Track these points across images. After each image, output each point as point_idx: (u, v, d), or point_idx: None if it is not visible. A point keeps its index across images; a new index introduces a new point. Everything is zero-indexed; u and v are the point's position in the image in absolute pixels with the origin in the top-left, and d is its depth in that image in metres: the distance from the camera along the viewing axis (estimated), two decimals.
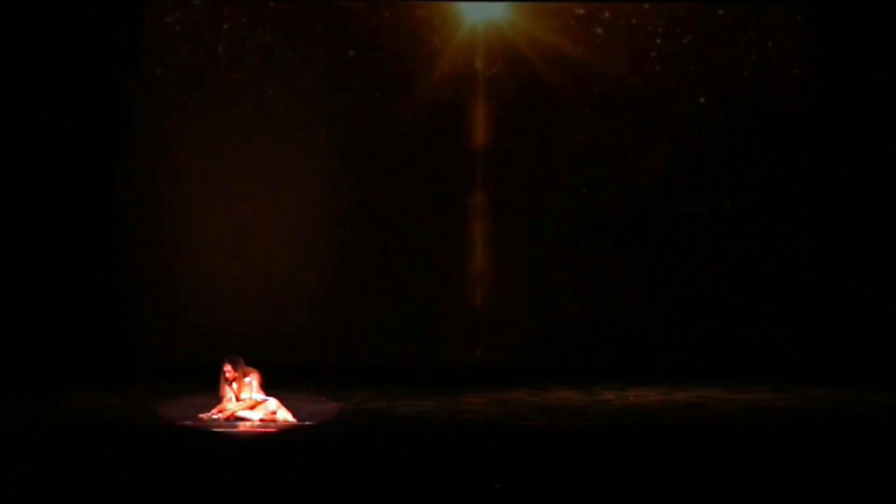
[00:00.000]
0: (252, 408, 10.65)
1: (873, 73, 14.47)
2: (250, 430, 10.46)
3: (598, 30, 14.91)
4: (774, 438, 10.12)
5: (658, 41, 14.92)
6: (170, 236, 14.73)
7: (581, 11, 14.90)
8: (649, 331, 14.89)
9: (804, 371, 14.23)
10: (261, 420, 10.69)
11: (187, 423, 10.71)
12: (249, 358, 10.92)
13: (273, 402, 10.76)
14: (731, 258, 14.91)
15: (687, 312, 14.89)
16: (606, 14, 14.90)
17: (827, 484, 9.55)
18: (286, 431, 10.43)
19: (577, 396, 12.47)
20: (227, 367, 10.75)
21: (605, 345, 14.88)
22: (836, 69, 14.66)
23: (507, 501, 9.48)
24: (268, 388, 10.86)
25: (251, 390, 10.73)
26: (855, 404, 11.89)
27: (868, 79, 14.48)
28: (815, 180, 14.85)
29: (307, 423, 10.71)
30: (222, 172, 14.77)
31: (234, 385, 10.73)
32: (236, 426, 10.57)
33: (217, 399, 10.78)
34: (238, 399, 10.71)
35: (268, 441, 10.13)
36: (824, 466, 9.64)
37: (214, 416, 10.74)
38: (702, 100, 14.86)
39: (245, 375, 10.75)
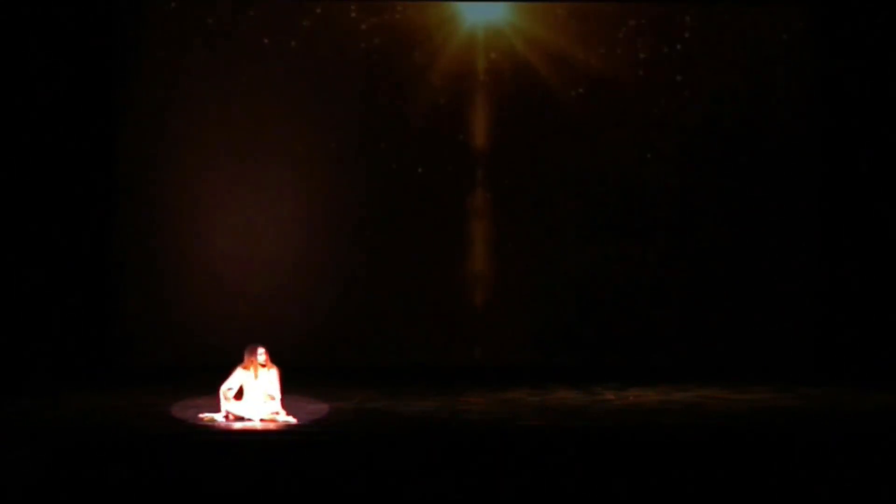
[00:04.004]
0: (272, 399, 10.78)
1: (875, 71, 14.46)
2: (250, 430, 10.47)
3: (598, 30, 14.90)
4: (774, 438, 10.12)
5: (659, 41, 14.91)
6: (168, 235, 14.71)
7: (581, 12, 14.89)
8: (649, 331, 14.89)
9: (804, 371, 14.23)
10: (261, 420, 10.71)
11: (189, 422, 10.73)
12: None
13: (278, 405, 10.84)
14: (731, 258, 14.90)
15: (687, 312, 14.88)
16: (607, 14, 14.89)
17: (827, 484, 9.55)
18: (286, 431, 10.43)
19: (577, 396, 12.47)
20: (263, 350, 10.88)
21: (605, 345, 14.88)
22: (838, 67, 14.66)
23: (506, 501, 9.49)
24: None
25: (273, 384, 10.82)
26: (855, 404, 11.89)
27: (869, 76, 14.47)
28: (816, 180, 14.84)
29: (307, 423, 10.71)
30: (220, 173, 14.75)
31: (259, 371, 10.80)
32: (236, 426, 10.58)
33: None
34: (255, 386, 10.79)
35: (268, 441, 10.13)
36: (824, 466, 9.64)
37: (215, 416, 10.76)
38: (694, 108, 14.87)
39: (270, 368, 10.86)
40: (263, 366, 10.87)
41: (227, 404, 10.80)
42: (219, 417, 10.76)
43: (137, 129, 14.68)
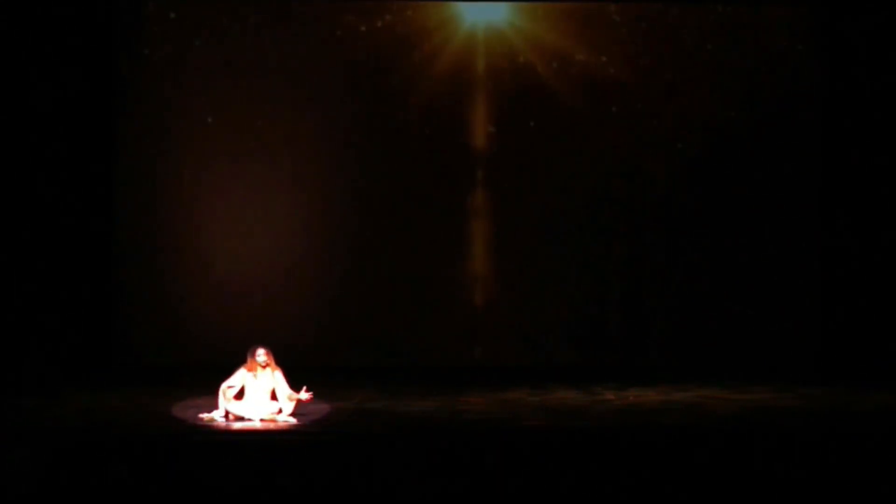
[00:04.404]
0: (291, 398, 10.81)
1: (876, 72, 14.47)
2: (250, 430, 10.47)
3: (598, 30, 14.91)
4: (774, 438, 10.12)
5: (659, 42, 14.92)
6: (169, 235, 14.72)
7: (581, 12, 14.90)
8: (649, 331, 14.89)
9: (804, 371, 14.23)
10: (261, 420, 10.71)
11: (189, 422, 10.74)
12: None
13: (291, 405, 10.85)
14: (732, 258, 14.91)
15: (687, 312, 14.89)
16: (607, 15, 14.90)
17: (827, 484, 9.55)
18: (286, 431, 10.43)
19: (577, 396, 12.47)
20: (264, 351, 10.90)
21: (606, 345, 14.88)
22: (839, 68, 14.67)
23: (509, 501, 9.49)
24: None
25: (281, 384, 10.83)
26: (855, 404, 11.89)
27: (870, 78, 14.48)
28: (816, 180, 14.85)
29: (307, 423, 10.71)
30: (221, 173, 14.76)
31: (261, 372, 10.81)
32: (236, 426, 10.58)
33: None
34: (256, 386, 10.81)
35: (268, 441, 10.13)
36: (824, 466, 9.64)
37: (215, 416, 10.77)
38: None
39: (274, 369, 10.87)
40: (263, 367, 10.88)
41: (227, 404, 10.80)
42: (218, 417, 10.76)
43: (138, 130, 14.69)
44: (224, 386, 10.82)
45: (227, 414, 10.77)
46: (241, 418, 10.72)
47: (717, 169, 14.91)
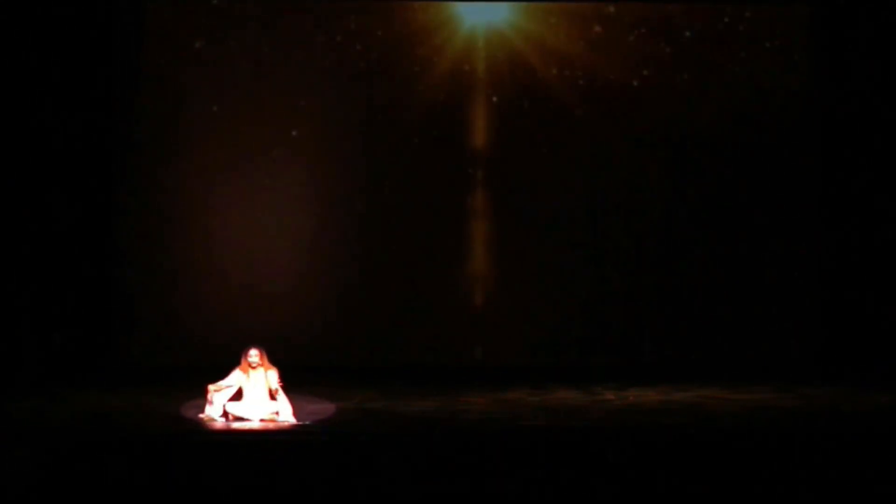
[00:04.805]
0: (275, 392, 10.80)
1: (876, 71, 14.47)
2: (250, 430, 10.47)
3: (598, 30, 14.92)
4: (774, 438, 10.12)
5: (659, 42, 14.92)
6: (169, 236, 14.72)
7: (581, 12, 14.90)
8: (649, 331, 14.89)
9: (805, 371, 14.23)
10: (261, 420, 10.71)
11: (190, 421, 10.74)
12: None
13: (284, 404, 10.84)
14: (732, 258, 14.91)
15: (688, 312, 14.89)
16: (606, 14, 14.90)
17: (827, 484, 9.55)
18: (286, 432, 10.44)
19: (577, 396, 12.47)
20: (256, 352, 10.91)
21: (605, 345, 14.88)
22: (838, 68, 14.67)
23: (508, 501, 9.49)
24: None
25: (274, 384, 10.83)
26: (855, 404, 11.89)
27: (870, 77, 14.48)
28: (816, 181, 14.85)
29: (307, 423, 10.72)
30: (223, 174, 14.76)
31: (254, 373, 10.81)
32: (236, 426, 10.59)
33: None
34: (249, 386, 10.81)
35: (268, 441, 10.14)
36: (824, 466, 9.65)
37: (214, 416, 10.77)
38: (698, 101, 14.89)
39: (267, 368, 10.86)
40: (255, 367, 10.85)
41: (228, 405, 10.81)
42: (217, 417, 10.76)
43: (138, 131, 14.69)
44: (212, 386, 10.82)
45: (226, 414, 10.78)
46: (240, 418, 10.73)
47: (717, 168, 14.91)
